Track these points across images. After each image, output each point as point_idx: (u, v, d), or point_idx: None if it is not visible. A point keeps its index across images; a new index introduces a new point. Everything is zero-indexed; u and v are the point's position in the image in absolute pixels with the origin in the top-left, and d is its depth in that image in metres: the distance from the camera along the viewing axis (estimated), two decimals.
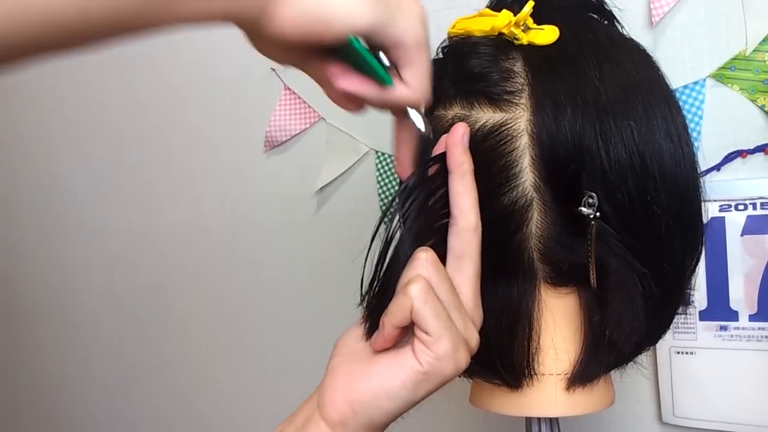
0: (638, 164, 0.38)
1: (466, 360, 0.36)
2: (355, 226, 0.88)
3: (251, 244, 0.96)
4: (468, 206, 0.38)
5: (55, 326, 1.17)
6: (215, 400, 1.02)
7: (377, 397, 0.36)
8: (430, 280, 0.35)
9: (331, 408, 0.37)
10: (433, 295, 0.35)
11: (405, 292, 0.34)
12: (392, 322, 0.35)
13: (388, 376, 0.36)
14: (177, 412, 1.06)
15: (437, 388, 0.36)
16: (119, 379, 1.11)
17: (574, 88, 0.38)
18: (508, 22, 0.40)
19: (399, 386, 0.35)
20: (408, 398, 0.36)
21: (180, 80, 1.00)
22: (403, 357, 0.36)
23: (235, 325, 0.99)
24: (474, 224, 0.38)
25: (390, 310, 0.35)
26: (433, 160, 0.39)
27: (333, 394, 0.37)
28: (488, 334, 0.41)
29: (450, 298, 0.36)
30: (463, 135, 0.38)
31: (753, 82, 0.64)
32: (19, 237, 1.19)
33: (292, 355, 0.93)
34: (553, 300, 0.42)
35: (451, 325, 0.35)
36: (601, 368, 0.43)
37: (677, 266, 0.41)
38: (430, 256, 0.36)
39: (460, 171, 0.38)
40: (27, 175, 1.18)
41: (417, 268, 0.36)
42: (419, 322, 0.34)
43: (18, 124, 1.17)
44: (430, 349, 0.34)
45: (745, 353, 0.64)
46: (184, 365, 1.04)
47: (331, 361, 0.40)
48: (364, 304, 0.40)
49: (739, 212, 0.64)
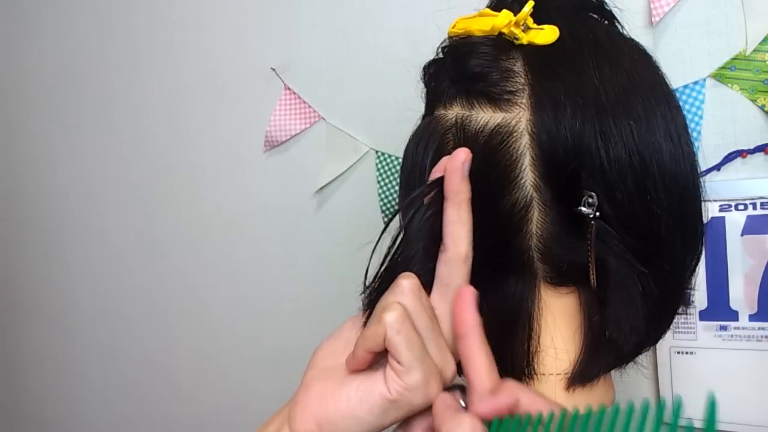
0: (638, 164, 0.38)
1: (437, 391, 0.35)
2: (355, 226, 0.88)
3: (251, 244, 0.96)
4: (461, 235, 0.37)
5: (54, 326, 1.17)
6: (215, 400, 1.02)
7: (345, 418, 0.36)
8: (409, 308, 0.35)
9: (300, 423, 0.37)
10: (408, 324, 0.34)
11: (380, 319, 0.34)
12: (366, 347, 0.35)
13: (357, 401, 0.36)
14: (177, 412, 1.06)
15: (405, 416, 0.36)
16: (119, 379, 1.11)
17: (574, 88, 0.38)
18: (508, 21, 0.40)
19: (366, 411, 0.35)
20: (374, 423, 0.36)
21: (180, 80, 1.00)
22: (374, 382, 0.36)
23: (235, 324, 0.99)
24: (464, 254, 0.37)
25: (365, 335, 0.36)
26: (431, 186, 0.38)
27: (303, 409, 0.38)
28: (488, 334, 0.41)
29: (428, 329, 0.36)
30: (463, 162, 0.37)
31: (753, 82, 0.64)
32: (19, 237, 1.19)
33: (291, 355, 0.93)
34: (553, 300, 0.42)
35: (424, 356, 0.35)
36: (601, 368, 0.43)
37: (677, 266, 0.41)
38: (413, 284, 0.36)
39: (456, 199, 0.37)
40: (27, 176, 1.17)
41: (397, 295, 0.35)
42: (392, 351, 0.34)
43: (18, 124, 1.17)
44: (400, 378, 0.34)
45: (745, 353, 0.64)
46: (184, 365, 1.04)
47: (307, 374, 0.40)
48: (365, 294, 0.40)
49: (739, 212, 0.64)
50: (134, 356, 1.09)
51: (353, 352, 0.37)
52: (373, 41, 0.85)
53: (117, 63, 1.04)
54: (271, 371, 0.96)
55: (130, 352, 1.09)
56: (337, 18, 0.87)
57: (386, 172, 0.83)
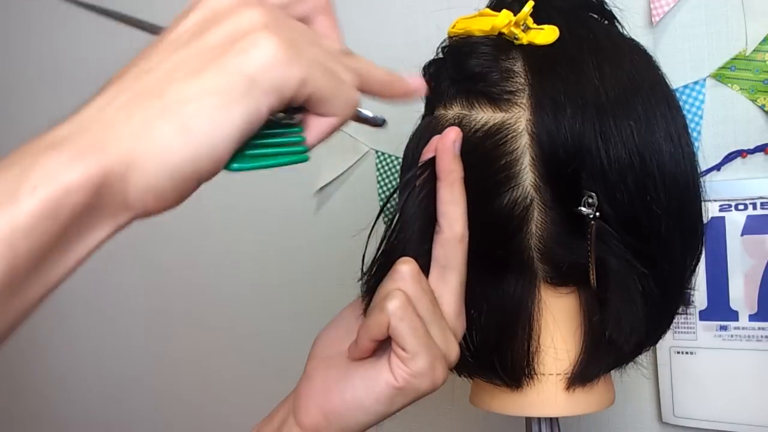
0: (638, 164, 0.38)
1: (444, 376, 0.35)
2: (355, 226, 0.88)
3: (251, 244, 0.96)
4: (455, 216, 0.37)
5: (54, 326, 1.17)
6: (215, 400, 1.02)
7: (351, 408, 0.36)
8: (410, 294, 0.35)
9: (305, 415, 0.37)
10: (411, 311, 0.34)
11: (382, 307, 0.34)
12: (369, 336, 0.35)
13: (363, 390, 0.35)
14: (177, 412, 1.06)
15: (412, 402, 0.36)
16: (119, 379, 1.11)
17: (574, 88, 0.38)
18: (508, 21, 0.40)
19: (373, 400, 0.35)
20: (382, 412, 0.35)
21: None
22: (379, 370, 0.35)
23: (235, 324, 0.99)
24: (460, 234, 0.37)
25: (367, 324, 0.35)
26: (422, 167, 0.38)
27: (308, 401, 0.38)
28: (488, 334, 0.41)
29: (430, 313, 0.35)
30: (454, 141, 0.37)
31: (753, 81, 0.64)
32: None
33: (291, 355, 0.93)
34: (553, 300, 0.42)
35: (429, 341, 0.34)
36: (601, 368, 0.43)
37: (677, 266, 0.41)
38: (412, 269, 0.36)
39: (449, 179, 0.37)
40: None
41: (397, 281, 0.35)
42: (396, 338, 0.34)
43: (17, 124, 1.17)
44: (406, 365, 0.34)
45: (745, 353, 0.64)
46: (184, 365, 1.04)
47: (309, 364, 0.40)
48: (363, 280, 0.40)
49: (739, 212, 0.64)
50: (134, 356, 1.09)
51: (356, 341, 0.37)
52: (373, 41, 0.85)
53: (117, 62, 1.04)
54: (271, 371, 0.96)
55: (130, 352, 1.09)
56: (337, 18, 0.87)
57: (386, 172, 0.83)
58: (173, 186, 0.26)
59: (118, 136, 0.25)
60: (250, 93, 0.26)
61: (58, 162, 0.24)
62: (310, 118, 0.32)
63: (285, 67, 0.27)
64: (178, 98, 0.26)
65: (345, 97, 0.31)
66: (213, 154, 0.27)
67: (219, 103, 0.26)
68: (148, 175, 0.25)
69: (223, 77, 0.26)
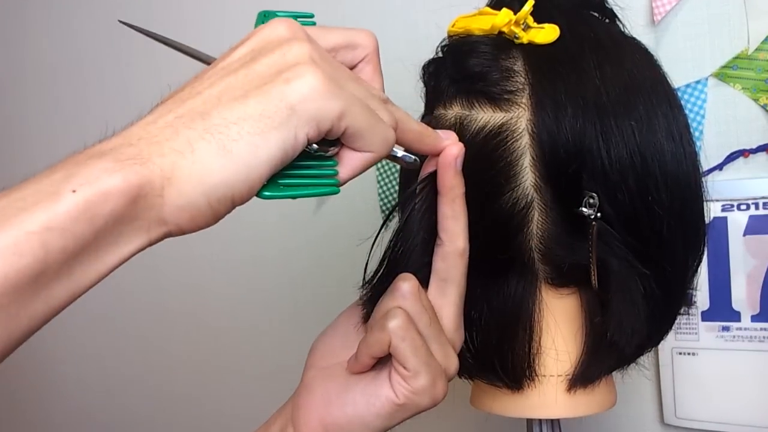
0: (639, 164, 0.38)
1: (444, 392, 0.36)
2: (354, 226, 0.87)
3: (250, 244, 0.96)
4: (457, 231, 0.37)
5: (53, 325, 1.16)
6: (215, 401, 1.02)
7: (352, 422, 0.36)
8: (411, 312, 0.35)
9: (306, 427, 0.37)
10: (412, 330, 0.34)
11: (382, 326, 0.34)
12: (369, 353, 0.35)
13: (363, 405, 0.36)
14: (177, 412, 1.06)
15: (412, 416, 0.36)
16: (119, 379, 1.11)
17: (575, 88, 0.38)
18: (509, 20, 0.39)
19: (374, 415, 0.35)
20: (382, 426, 0.36)
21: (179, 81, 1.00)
22: (380, 386, 0.35)
23: (235, 324, 0.99)
24: (461, 249, 0.37)
25: (368, 341, 0.35)
26: (424, 182, 0.38)
27: (307, 413, 0.38)
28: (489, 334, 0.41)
29: (430, 329, 0.35)
30: (456, 158, 0.36)
31: (755, 81, 0.64)
32: None
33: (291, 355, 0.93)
34: (554, 301, 0.42)
35: (429, 359, 0.35)
36: (603, 369, 0.43)
37: (679, 267, 0.41)
38: (412, 286, 0.36)
39: (450, 195, 0.37)
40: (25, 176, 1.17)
41: (397, 299, 0.35)
42: (397, 357, 0.34)
43: (16, 124, 1.17)
44: (407, 383, 0.34)
45: (747, 354, 0.63)
46: (184, 366, 1.04)
47: (306, 374, 0.40)
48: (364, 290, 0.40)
49: (742, 212, 0.63)
50: (134, 356, 1.09)
51: (356, 357, 0.37)
52: None
53: (116, 62, 1.04)
54: (271, 371, 0.96)
55: (130, 351, 1.09)
56: (337, 17, 0.87)
57: (386, 172, 0.82)
58: (208, 205, 0.27)
59: (161, 151, 0.26)
60: (290, 121, 0.28)
61: (100, 169, 0.25)
62: (345, 153, 0.32)
63: (325, 99, 0.29)
64: (221, 121, 0.27)
65: (382, 134, 0.32)
66: (248, 178, 0.27)
67: (258, 129, 0.27)
68: (185, 192, 0.26)
69: (264, 104, 0.28)
